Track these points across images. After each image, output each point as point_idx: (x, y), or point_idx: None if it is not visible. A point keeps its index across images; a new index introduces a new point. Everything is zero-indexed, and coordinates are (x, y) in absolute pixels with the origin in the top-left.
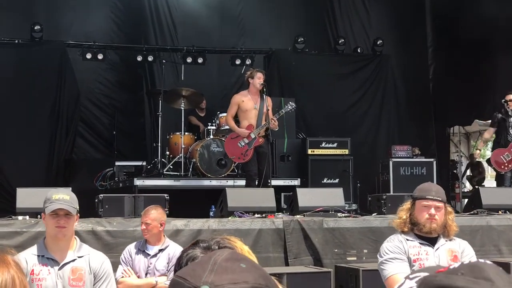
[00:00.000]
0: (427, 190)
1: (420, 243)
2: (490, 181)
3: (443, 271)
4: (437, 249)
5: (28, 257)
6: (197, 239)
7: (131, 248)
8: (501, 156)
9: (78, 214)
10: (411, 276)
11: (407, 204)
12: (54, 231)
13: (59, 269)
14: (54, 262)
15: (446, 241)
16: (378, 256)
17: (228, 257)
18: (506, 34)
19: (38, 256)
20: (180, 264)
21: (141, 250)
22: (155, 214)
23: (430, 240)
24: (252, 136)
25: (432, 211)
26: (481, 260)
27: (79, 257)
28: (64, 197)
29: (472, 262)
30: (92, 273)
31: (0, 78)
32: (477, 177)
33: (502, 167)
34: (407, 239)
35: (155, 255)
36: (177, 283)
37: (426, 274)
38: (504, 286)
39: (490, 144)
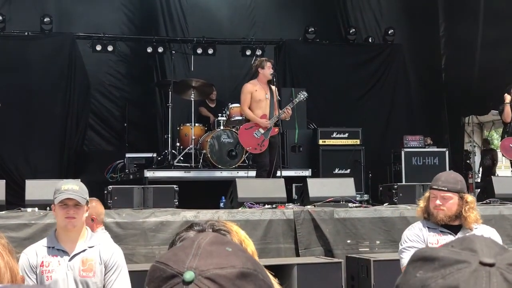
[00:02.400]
0: (435, 179)
1: (441, 231)
2: (504, 171)
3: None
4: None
5: (39, 249)
6: (191, 223)
7: None
8: (510, 145)
9: (89, 205)
10: (402, 249)
11: (427, 192)
12: (64, 222)
13: (69, 260)
14: (64, 253)
15: (470, 229)
16: (399, 244)
17: (213, 241)
18: None
19: (48, 247)
20: (171, 246)
21: None
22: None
23: (452, 229)
24: (268, 126)
25: (438, 201)
26: (479, 234)
27: (89, 247)
28: (73, 187)
29: (466, 236)
30: (103, 263)
31: (10, 70)
32: (487, 163)
33: None
34: (428, 227)
35: None
36: (158, 269)
37: None
38: (485, 256)
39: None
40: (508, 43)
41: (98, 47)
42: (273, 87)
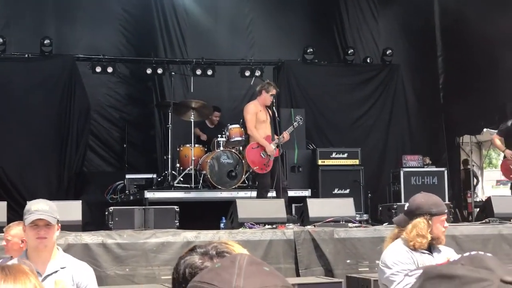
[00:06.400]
0: (442, 204)
1: (422, 252)
2: (503, 190)
3: (443, 264)
4: (436, 258)
5: None
6: (194, 245)
7: None
8: (511, 166)
9: (59, 224)
10: (410, 273)
11: (423, 222)
12: (35, 243)
13: (42, 281)
14: (37, 274)
15: (439, 248)
16: (383, 267)
17: (251, 261)
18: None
19: None
20: (177, 271)
21: None
22: (16, 230)
23: (427, 250)
24: (273, 147)
25: (446, 224)
26: (480, 252)
27: (61, 268)
28: (43, 207)
29: (471, 254)
30: (75, 284)
31: (10, 92)
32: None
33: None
34: (410, 249)
35: None
36: None
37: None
38: (504, 274)
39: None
40: (503, 63)
41: (98, 69)
42: (272, 109)
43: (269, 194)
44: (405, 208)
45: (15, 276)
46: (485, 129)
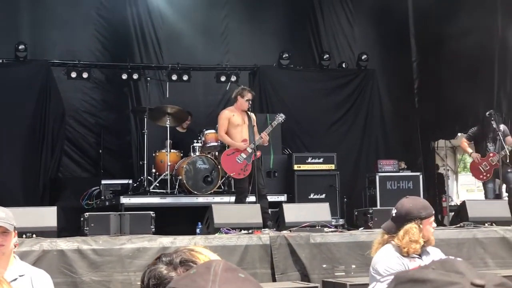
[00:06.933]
0: (429, 206)
1: (412, 257)
2: (477, 194)
3: (415, 269)
4: (425, 261)
5: None
6: (160, 254)
7: None
8: (479, 167)
9: (16, 231)
10: (381, 280)
11: (415, 227)
12: None
13: None
14: None
15: (427, 251)
16: (374, 274)
17: (226, 267)
18: (486, 48)
19: None
20: (143, 280)
21: None
22: None
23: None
24: (249, 150)
25: (434, 224)
26: (451, 257)
27: (20, 275)
28: None
29: (442, 259)
30: None
31: None
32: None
33: (481, 176)
34: (402, 255)
35: None
36: None
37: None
38: (474, 278)
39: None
40: (476, 68)
41: (73, 74)
42: (251, 114)
43: (248, 199)
44: (393, 215)
45: None
46: (459, 134)
